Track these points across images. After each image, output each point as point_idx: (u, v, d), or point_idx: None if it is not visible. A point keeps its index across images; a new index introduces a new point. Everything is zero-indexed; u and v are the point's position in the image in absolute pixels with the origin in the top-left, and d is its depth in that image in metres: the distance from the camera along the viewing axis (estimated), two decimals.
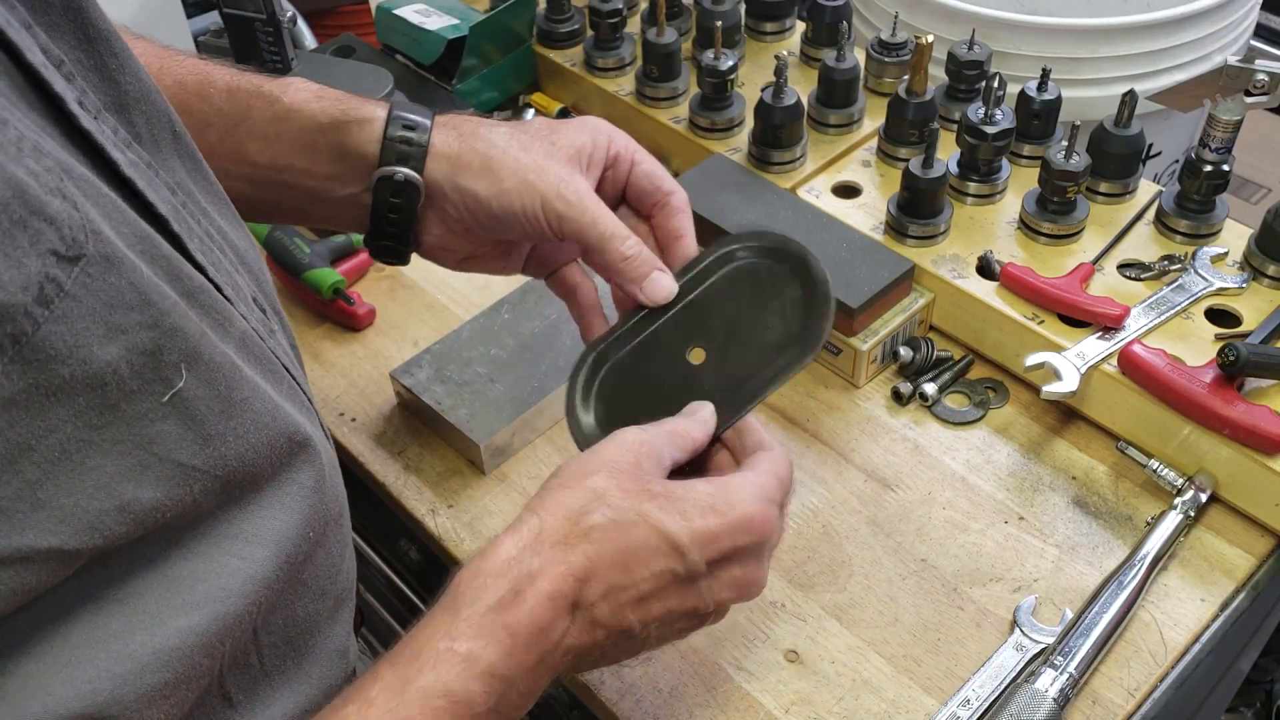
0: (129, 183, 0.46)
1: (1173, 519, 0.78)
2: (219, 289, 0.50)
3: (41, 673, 0.42)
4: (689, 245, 0.71)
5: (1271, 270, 0.87)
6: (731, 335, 0.67)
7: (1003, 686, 0.72)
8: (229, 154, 0.68)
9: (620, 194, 0.72)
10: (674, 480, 0.59)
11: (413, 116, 0.69)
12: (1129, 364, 0.81)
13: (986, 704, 0.71)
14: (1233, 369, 0.77)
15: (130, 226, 0.43)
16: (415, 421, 0.91)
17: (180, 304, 0.44)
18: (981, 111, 0.93)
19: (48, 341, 0.38)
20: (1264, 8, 1.34)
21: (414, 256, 0.74)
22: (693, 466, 0.64)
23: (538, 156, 0.68)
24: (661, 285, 0.68)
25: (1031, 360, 0.83)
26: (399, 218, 0.69)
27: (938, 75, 1.00)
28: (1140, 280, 0.88)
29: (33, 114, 0.42)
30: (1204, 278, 0.87)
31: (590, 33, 1.13)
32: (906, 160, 0.92)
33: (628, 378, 0.68)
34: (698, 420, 0.64)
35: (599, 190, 0.70)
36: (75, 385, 0.39)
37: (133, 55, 0.51)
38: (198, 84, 0.70)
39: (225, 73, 0.71)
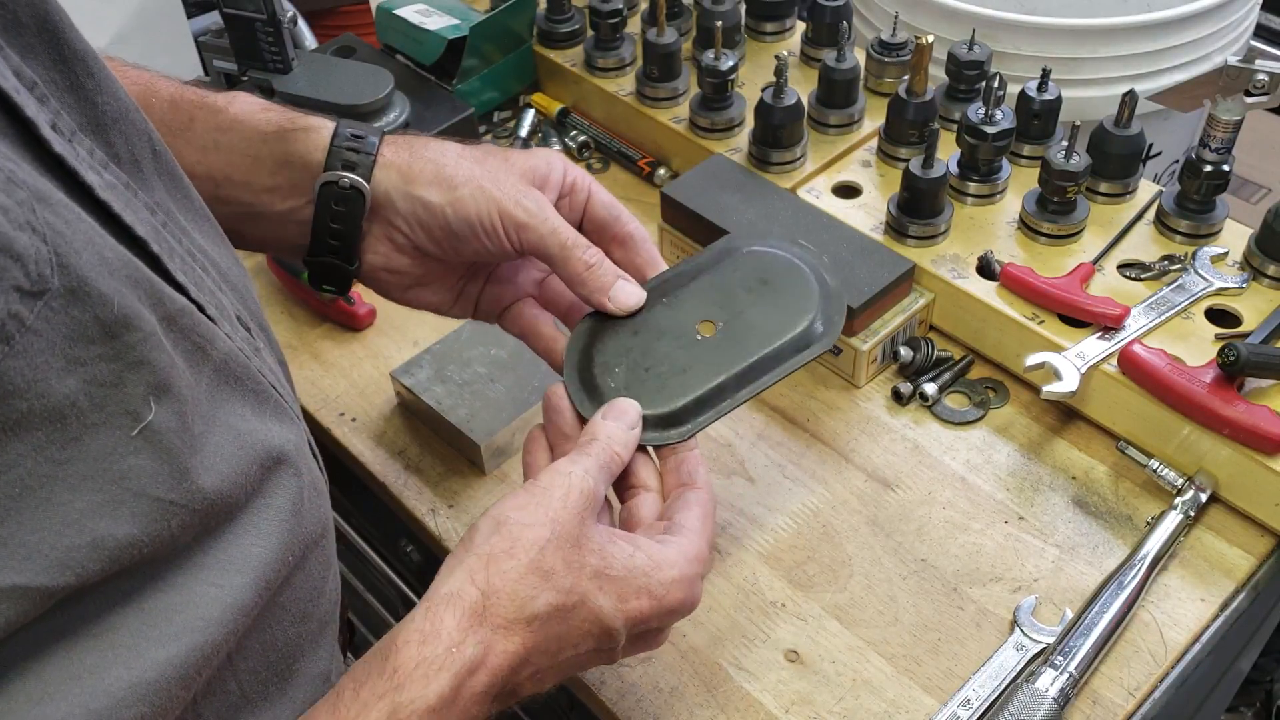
0: (105, 206, 0.45)
1: (1173, 519, 0.78)
2: (202, 309, 0.49)
3: (14, 711, 0.41)
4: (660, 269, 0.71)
5: (1272, 270, 0.87)
6: (739, 317, 0.68)
7: (1003, 686, 0.72)
8: None
9: (578, 224, 0.71)
10: (611, 543, 0.59)
11: (361, 127, 0.68)
12: (1129, 364, 0.81)
13: (987, 704, 0.71)
14: (1233, 369, 0.77)
15: (112, 250, 0.43)
16: (415, 421, 0.91)
17: (155, 333, 0.43)
18: (981, 111, 0.93)
19: (6, 377, 0.37)
20: (1264, 8, 1.34)
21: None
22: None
23: (491, 169, 0.67)
24: (629, 292, 0.67)
25: (1031, 360, 0.83)
26: (342, 229, 0.68)
27: (938, 75, 1.00)
28: (1140, 280, 0.88)
29: (4, 140, 0.41)
30: (1204, 278, 0.87)
31: (590, 33, 1.13)
32: (906, 160, 0.92)
33: (631, 352, 0.67)
34: (624, 429, 0.64)
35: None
36: (33, 419, 0.39)
37: (111, 75, 0.50)
38: (140, 94, 0.68)
39: (169, 84, 0.69)
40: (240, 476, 0.49)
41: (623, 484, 0.65)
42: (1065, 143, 0.89)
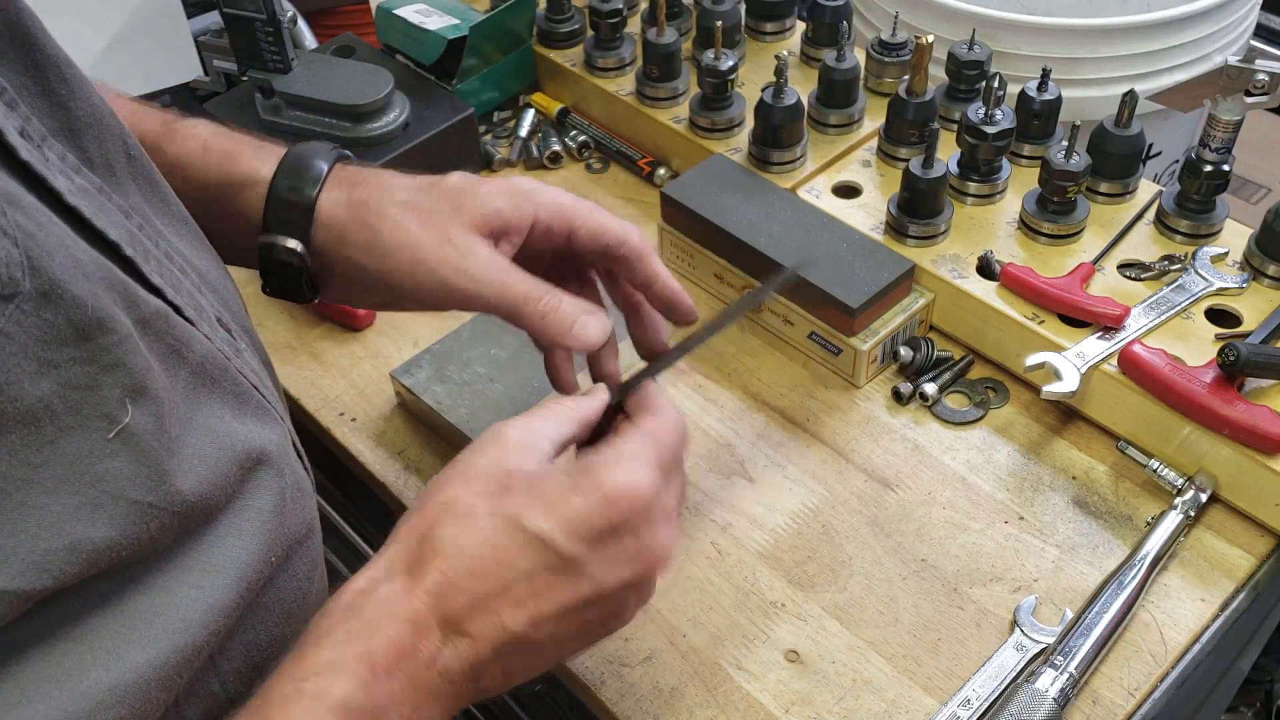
0: (76, 211, 0.45)
1: (1173, 519, 0.78)
2: (179, 311, 0.49)
3: None
4: (668, 285, 0.69)
5: (1272, 270, 0.87)
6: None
7: (1003, 686, 0.72)
8: None
9: (565, 262, 0.70)
10: (544, 472, 0.56)
11: (302, 173, 0.65)
12: (1129, 364, 0.81)
13: (987, 704, 0.71)
14: (1233, 369, 0.77)
15: (85, 254, 0.43)
16: (415, 421, 0.91)
17: (131, 336, 0.43)
18: (981, 111, 0.93)
19: None
20: (1264, 8, 1.34)
21: None
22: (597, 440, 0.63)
23: (435, 229, 0.63)
24: (591, 327, 0.64)
25: (1032, 360, 0.83)
26: (288, 281, 0.66)
27: (938, 75, 1.00)
28: (1140, 280, 0.88)
29: None
30: (1204, 278, 0.87)
31: (590, 33, 1.13)
32: (907, 160, 0.92)
33: None
34: (590, 392, 0.63)
35: (530, 252, 0.67)
36: (7, 422, 0.39)
37: (85, 80, 0.50)
38: None
39: (122, 106, 0.67)
40: (219, 478, 0.48)
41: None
42: (1065, 143, 0.89)
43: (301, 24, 1.18)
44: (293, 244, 0.64)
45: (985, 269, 0.90)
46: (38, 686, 0.42)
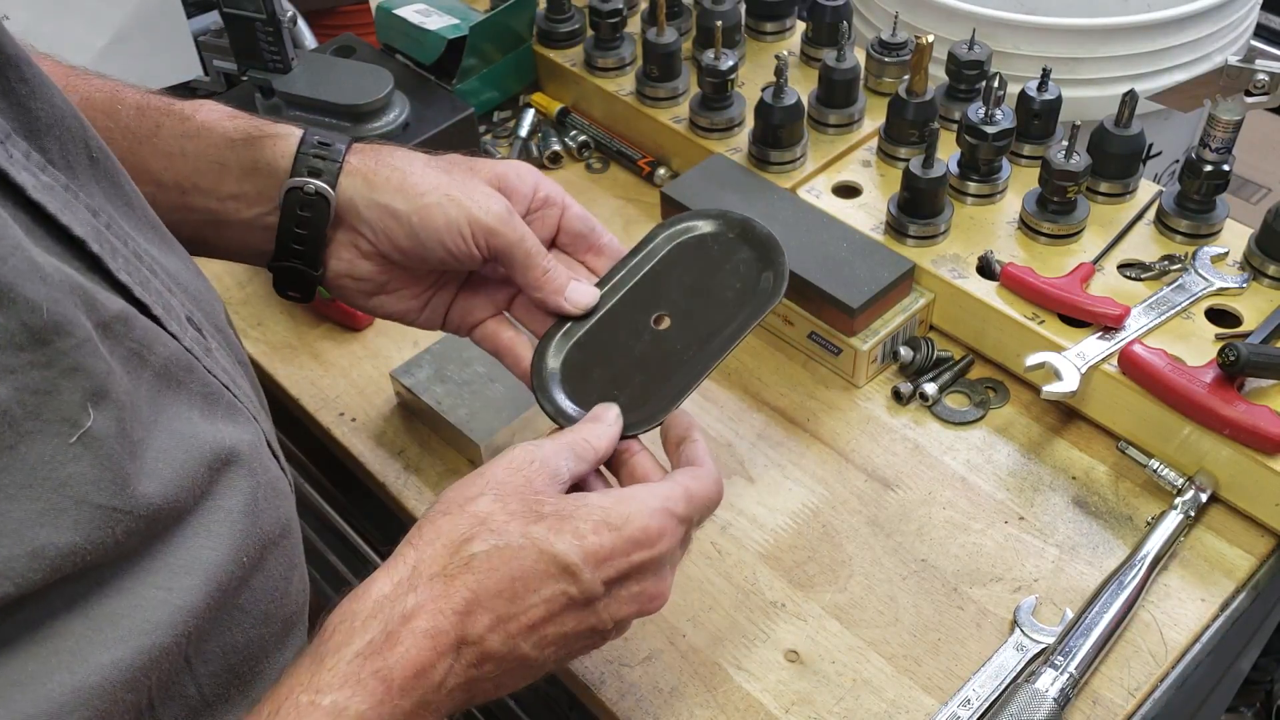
0: (40, 207, 0.45)
1: (1173, 519, 0.78)
2: (147, 309, 0.49)
3: None
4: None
5: (1272, 270, 0.87)
6: (692, 295, 0.70)
7: (1003, 686, 0.72)
8: (133, 172, 0.62)
9: (552, 237, 0.73)
10: (569, 494, 0.58)
11: (329, 135, 0.69)
12: (1129, 364, 0.81)
13: (987, 704, 0.71)
14: (1233, 369, 0.77)
15: (43, 256, 0.42)
16: (415, 421, 0.91)
17: (91, 339, 0.43)
18: (982, 111, 0.93)
19: None
20: (1264, 8, 1.34)
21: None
22: (612, 472, 0.65)
23: (457, 177, 0.68)
24: (584, 291, 0.70)
25: (1032, 360, 0.83)
26: (307, 234, 0.68)
27: (938, 75, 1.00)
28: (1140, 280, 0.88)
29: None
30: (1204, 278, 0.87)
31: (590, 33, 1.13)
32: (907, 160, 0.92)
33: (593, 353, 0.70)
34: (602, 425, 0.64)
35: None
36: None
37: (48, 82, 0.50)
38: (106, 100, 0.68)
39: (135, 93, 0.70)
40: (186, 480, 0.48)
41: (628, 482, 0.65)
42: (1065, 142, 0.89)
43: (301, 24, 1.18)
44: (321, 184, 0.67)
45: (985, 269, 0.90)
46: (1, 690, 0.41)
